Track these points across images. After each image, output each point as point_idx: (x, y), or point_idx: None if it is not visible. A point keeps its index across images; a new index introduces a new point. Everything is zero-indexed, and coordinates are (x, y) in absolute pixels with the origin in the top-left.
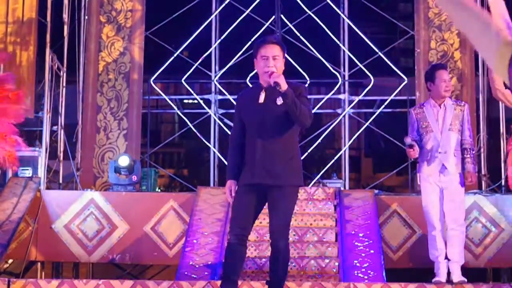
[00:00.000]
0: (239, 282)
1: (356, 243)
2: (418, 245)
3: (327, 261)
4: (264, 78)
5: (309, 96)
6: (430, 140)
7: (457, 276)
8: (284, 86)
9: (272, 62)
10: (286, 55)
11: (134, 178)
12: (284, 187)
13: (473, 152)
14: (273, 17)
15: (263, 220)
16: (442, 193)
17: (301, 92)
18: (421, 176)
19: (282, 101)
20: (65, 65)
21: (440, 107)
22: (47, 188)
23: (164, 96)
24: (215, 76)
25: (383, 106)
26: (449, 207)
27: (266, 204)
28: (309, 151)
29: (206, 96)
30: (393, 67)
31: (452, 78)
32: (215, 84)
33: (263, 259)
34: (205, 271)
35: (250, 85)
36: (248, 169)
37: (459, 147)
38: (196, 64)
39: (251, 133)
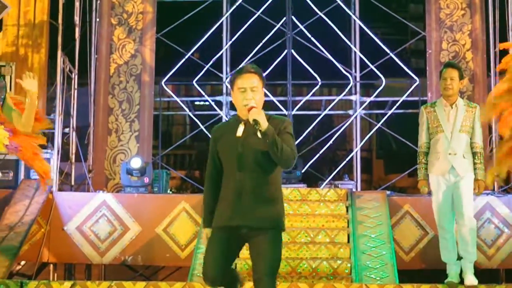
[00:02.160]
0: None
1: (368, 244)
2: (430, 246)
3: (339, 262)
4: (242, 111)
5: (320, 98)
6: (440, 141)
7: (469, 280)
8: (264, 124)
9: (250, 94)
10: (297, 56)
11: (146, 180)
12: (268, 231)
13: (483, 156)
14: (284, 18)
15: (293, 223)
16: (452, 195)
17: (284, 128)
18: (431, 176)
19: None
20: (76, 68)
21: (452, 107)
22: (59, 190)
23: (176, 98)
24: (226, 78)
25: (394, 107)
26: (458, 204)
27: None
28: (320, 152)
29: (217, 98)
30: (404, 68)
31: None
32: (226, 86)
33: (296, 260)
34: None
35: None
36: (224, 209)
37: (469, 148)
38: (207, 66)
39: (229, 170)
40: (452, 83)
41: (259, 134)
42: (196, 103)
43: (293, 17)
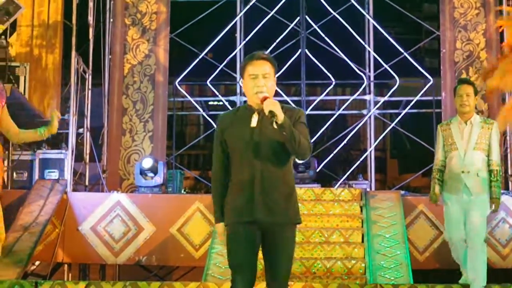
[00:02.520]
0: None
1: (382, 244)
2: (445, 246)
3: (353, 262)
4: (253, 99)
5: (334, 97)
6: (454, 159)
7: None
8: (281, 116)
9: (262, 81)
10: (311, 56)
11: (158, 179)
12: (287, 226)
13: (500, 174)
14: (298, 18)
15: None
16: (464, 214)
17: (299, 118)
18: (444, 193)
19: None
20: (90, 68)
21: (466, 124)
22: (74, 190)
23: (190, 98)
24: (240, 78)
25: (408, 107)
26: (470, 228)
27: None
28: (334, 152)
29: (231, 98)
30: (418, 67)
31: (478, 78)
32: (240, 86)
33: (311, 260)
34: None
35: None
36: (242, 202)
37: (485, 167)
38: (221, 66)
39: (242, 161)
40: (469, 99)
41: (274, 125)
42: (210, 103)
43: (307, 16)
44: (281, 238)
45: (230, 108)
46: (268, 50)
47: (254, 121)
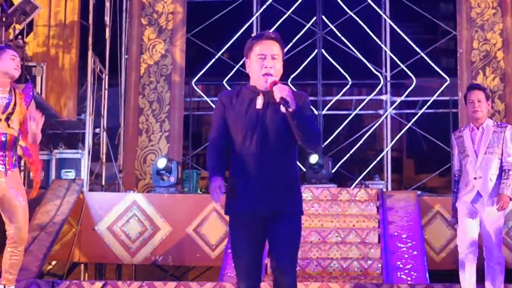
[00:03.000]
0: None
1: (399, 244)
2: None
3: (370, 262)
4: (260, 81)
5: (351, 97)
6: (467, 165)
7: None
8: (293, 104)
9: (270, 62)
10: (327, 56)
11: (172, 179)
12: (291, 215)
13: None
14: (314, 18)
15: (324, 223)
16: (478, 224)
17: (304, 103)
18: (458, 199)
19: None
20: (107, 68)
21: (478, 129)
22: (90, 190)
23: (206, 98)
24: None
25: (425, 107)
26: (484, 239)
27: None
28: (351, 152)
29: None
30: (435, 67)
31: (495, 78)
32: None
33: (327, 260)
34: None
35: (292, 87)
36: (243, 192)
37: (498, 171)
38: (237, 66)
39: (244, 146)
40: (481, 105)
41: (282, 109)
42: None
43: (323, 16)
44: (285, 225)
45: None
46: (285, 50)
47: (259, 103)
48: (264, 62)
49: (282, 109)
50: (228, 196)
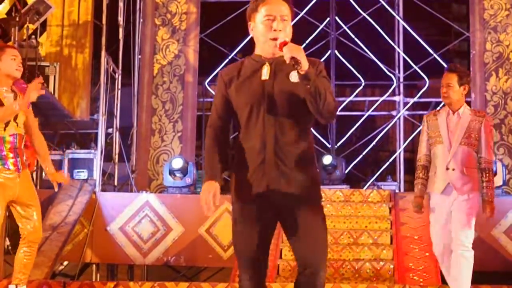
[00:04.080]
0: None
1: (411, 246)
2: (474, 248)
3: (382, 263)
4: (267, 47)
5: (364, 98)
6: (438, 153)
7: None
8: (305, 64)
9: (280, 25)
10: (340, 57)
11: (188, 180)
12: (310, 200)
13: (492, 172)
14: (328, 19)
15: (336, 224)
16: (450, 217)
17: (320, 71)
18: (429, 190)
19: (297, 78)
20: (120, 68)
21: (454, 115)
22: (102, 190)
23: None
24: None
25: (438, 108)
26: (454, 229)
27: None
28: (364, 153)
29: None
30: None
31: (508, 80)
32: None
33: (339, 261)
34: None
35: None
36: (248, 174)
37: (473, 164)
38: None
39: (250, 124)
40: (448, 91)
41: (295, 78)
42: None
43: (336, 17)
44: (307, 211)
45: None
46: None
47: (265, 73)
48: (273, 24)
49: (293, 77)
50: (234, 182)
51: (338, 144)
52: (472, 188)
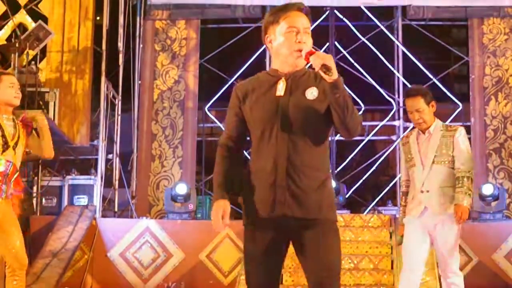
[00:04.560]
0: None
1: None
2: (474, 273)
3: None
4: (290, 59)
5: (364, 123)
6: (414, 175)
7: None
8: (335, 72)
9: (304, 37)
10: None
11: (191, 206)
12: (321, 222)
13: (469, 181)
14: (327, 44)
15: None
16: (426, 242)
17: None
18: (405, 219)
19: (315, 95)
20: (120, 94)
21: (425, 134)
22: (103, 216)
23: (219, 124)
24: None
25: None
26: (439, 257)
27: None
28: (364, 178)
29: None
30: (447, 93)
31: (507, 104)
32: None
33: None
34: None
35: None
36: (260, 195)
37: (449, 182)
38: None
39: (263, 143)
40: (422, 116)
41: (311, 95)
42: None
43: (336, 42)
44: (320, 233)
45: None
46: None
47: (280, 88)
48: (298, 36)
49: (309, 94)
50: (245, 204)
51: (339, 169)
52: (449, 208)
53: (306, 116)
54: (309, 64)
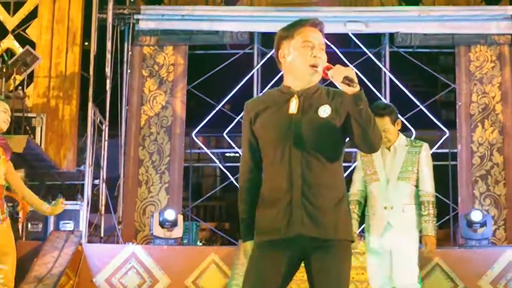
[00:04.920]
0: None
1: None
2: None
3: None
4: (304, 75)
5: (351, 150)
6: (375, 192)
7: None
8: (357, 84)
9: (320, 53)
10: None
11: (178, 232)
12: (336, 244)
13: (434, 206)
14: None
15: None
16: (390, 260)
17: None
18: (367, 236)
19: (328, 113)
20: (107, 119)
21: (390, 150)
22: (89, 241)
23: (206, 150)
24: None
25: None
26: (397, 274)
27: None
28: None
29: None
30: (434, 120)
31: (494, 131)
32: None
33: None
34: None
35: None
36: (274, 214)
37: (413, 200)
38: (238, 118)
39: (275, 160)
40: (387, 135)
41: (324, 113)
42: (227, 154)
43: None
44: (331, 257)
45: None
46: None
47: (293, 106)
48: (313, 51)
49: (321, 112)
50: (259, 221)
51: None
52: (411, 227)
53: (319, 134)
54: (325, 81)
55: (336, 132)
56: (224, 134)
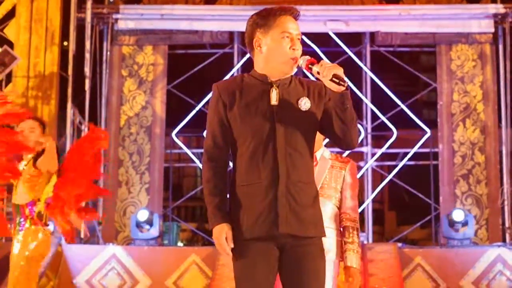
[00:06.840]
0: None
1: None
2: None
3: None
4: (284, 67)
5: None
6: None
7: None
8: (346, 82)
9: (298, 45)
10: None
11: (153, 232)
12: (315, 241)
13: (358, 233)
14: (295, 70)
15: None
16: None
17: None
18: None
19: (308, 107)
20: (86, 119)
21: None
22: (69, 242)
23: (186, 150)
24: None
25: (406, 159)
26: None
27: None
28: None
29: None
30: (416, 119)
31: (475, 130)
32: None
33: None
34: None
35: None
36: (257, 212)
37: (335, 224)
38: None
39: (257, 153)
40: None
41: (305, 106)
42: None
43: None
44: (310, 254)
45: None
46: None
47: (274, 97)
48: (293, 44)
49: (302, 104)
50: (236, 223)
51: None
52: (334, 252)
53: (301, 127)
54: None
55: (315, 126)
56: (205, 134)
